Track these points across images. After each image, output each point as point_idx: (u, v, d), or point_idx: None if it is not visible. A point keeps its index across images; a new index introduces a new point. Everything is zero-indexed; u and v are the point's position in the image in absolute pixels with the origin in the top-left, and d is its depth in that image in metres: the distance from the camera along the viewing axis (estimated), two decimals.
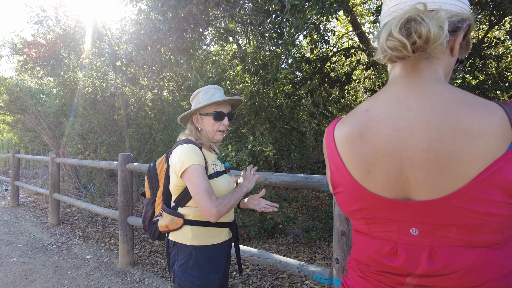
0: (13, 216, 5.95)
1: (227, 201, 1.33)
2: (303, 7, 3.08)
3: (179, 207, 1.44)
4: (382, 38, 0.65)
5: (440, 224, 0.61)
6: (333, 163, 0.75)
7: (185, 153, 1.35)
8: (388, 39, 0.63)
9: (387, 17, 0.71)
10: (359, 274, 0.75)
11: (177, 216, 1.41)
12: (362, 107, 0.73)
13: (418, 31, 0.60)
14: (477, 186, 0.57)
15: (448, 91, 0.63)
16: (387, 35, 0.64)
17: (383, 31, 0.65)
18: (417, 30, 0.60)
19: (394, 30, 0.62)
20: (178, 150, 1.38)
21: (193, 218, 1.41)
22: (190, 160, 1.32)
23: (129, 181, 3.62)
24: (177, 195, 1.43)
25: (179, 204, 1.43)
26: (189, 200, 1.40)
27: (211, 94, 1.48)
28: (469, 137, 0.57)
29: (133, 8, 4.34)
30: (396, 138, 0.64)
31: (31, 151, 10.75)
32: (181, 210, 1.43)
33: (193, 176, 1.31)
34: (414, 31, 0.60)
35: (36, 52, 7.16)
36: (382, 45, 0.65)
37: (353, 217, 0.74)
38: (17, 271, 3.49)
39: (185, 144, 1.39)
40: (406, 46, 0.61)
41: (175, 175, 1.38)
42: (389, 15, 0.70)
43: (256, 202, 1.62)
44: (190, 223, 1.40)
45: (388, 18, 0.70)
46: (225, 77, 5.83)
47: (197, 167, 1.32)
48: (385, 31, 0.64)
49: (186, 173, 1.32)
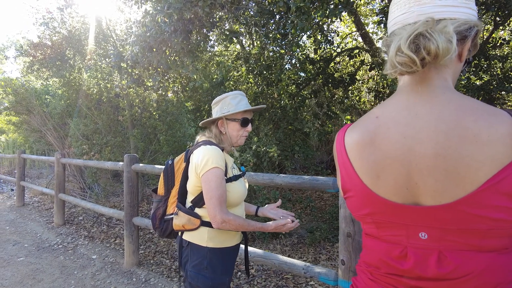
0: (19, 216, 6.01)
1: (238, 221, 1.35)
2: (308, 9, 3.09)
3: (196, 208, 1.45)
4: (392, 53, 0.65)
5: (449, 229, 0.62)
6: (344, 169, 0.77)
7: (209, 154, 1.36)
8: (397, 55, 0.64)
9: (394, 26, 0.71)
10: (369, 276, 0.77)
11: (194, 216, 1.42)
12: (372, 114, 0.75)
13: (427, 47, 0.61)
14: (485, 192, 0.58)
15: (457, 98, 0.64)
16: (396, 50, 0.64)
17: (392, 46, 0.65)
18: (426, 46, 0.61)
19: (403, 46, 0.62)
20: (202, 151, 1.39)
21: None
22: (213, 162, 1.34)
23: (135, 182, 3.65)
24: (195, 196, 1.44)
25: (196, 205, 1.45)
26: None
27: (239, 100, 1.51)
28: (478, 144, 0.58)
29: (138, 9, 4.37)
30: (405, 144, 0.66)
31: (36, 152, 10.83)
32: (198, 210, 1.45)
33: (211, 180, 1.33)
34: (423, 48, 0.61)
35: (41, 54, 7.22)
36: (391, 60, 0.65)
37: (364, 221, 0.76)
38: (24, 271, 3.53)
39: (208, 146, 1.40)
40: (415, 62, 0.62)
41: (194, 175, 1.40)
42: (396, 24, 0.71)
43: (275, 212, 1.64)
44: (207, 224, 1.42)
45: (395, 27, 0.71)
46: (229, 78, 5.85)
47: (218, 171, 1.35)
48: (394, 45, 0.65)
49: (206, 175, 1.34)
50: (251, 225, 1.39)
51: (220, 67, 5.53)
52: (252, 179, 2.33)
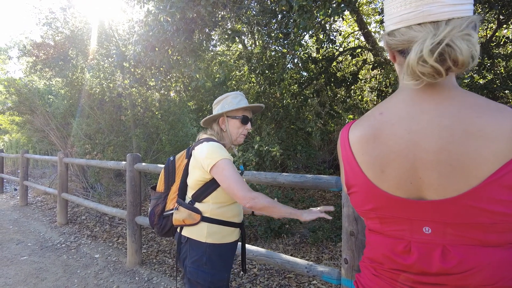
0: (22, 215, 6.04)
1: (267, 199, 1.29)
2: (311, 7, 3.09)
3: (196, 202, 1.46)
4: (412, 62, 0.61)
5: (453, 223, 0.63)
6: (348, 164, 0.77)
7: (213, 148, 1.38)
8: (420, 64, 0.61)
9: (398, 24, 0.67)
10: (373, 272, 0.77)
11: (195, 211, 1.43)
12: (375, 110, 0.75)
13: (453, 57, 0.58)
14: (489, 187, 0.58)
15: (461, 95, 0.65)
16: (417, 59, 0.61)
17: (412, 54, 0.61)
18: (452, 55, 0.58)
19: (427, 56, 0.59)
20: (205, 146, 1.41)
21: (210, 215, 1.43)
22: (220, 155, 1.36)
23: (137, 181, 3.66)
24: (196, 190, 1.45)
25: (197, 199, 1.46)
26: (208, 195, 1.43)
27: (239, 99, 1.55)
28: (482, 139, 0.59)
29: (140, 9, 4.38)
30: (409, 139, 0.66)
31: (39, 151, 10.88)
32: (198, 205, 1.46)
33: (224, 169, 1.34)
34: (449, 57, 0.59)
35: (44, 54, 7.25)
36: (412, 70, 0.62)
37: (367, 216, 0.76)
38: (27, 270, 3.54)
39: (210, 142, 1.43)
40: (441, 73, 0.60)
41: (198, 170, 1.41)
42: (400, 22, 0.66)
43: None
44: (207, 220, 1.43)
45: (400, 25, 0.67)
46: (231, 78, 5.85)
47: (227, 161, 1.36)
48: (416, 54, 0.61)
49: (216, 167, 1.35)
50: (280, 207, 1.30)
51: (222, 66, 5.53)
52: (255, 178, 2.32)
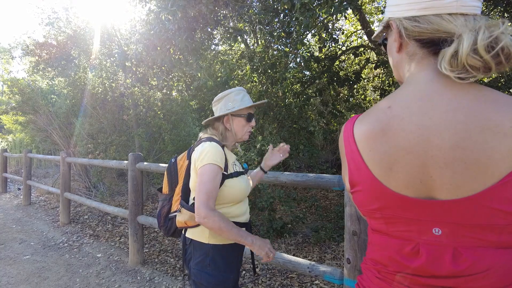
0: (25, 214, 6.06)
1: (222, 223, 1.26)
2: (313, 5, 3.06)
3: None
4: (465, 53, 0.57)
5: (465, 224, 0.60)
6: (352, 161, 0.73)
7: (207, 150, 1.36)
8: (471, 56, 0.57)
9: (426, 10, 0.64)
10: (376, 274, 0.74)
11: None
12: (383, 104, 0.71)
13: (506, 51, 0.55)
14: (506, 186, 0.55)
15: (476, 89, 0.61)
16: (469, 49, 0.57)
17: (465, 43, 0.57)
18: (505, 50, 0.55)
19: (481, 49, 0.56)
20: (201, 147, 1.40)
21: None
22: (209, 159, 1.34)
23: (139, 180, 3.65)
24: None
25: None
26: None
27: (242, 96, 1.52)
28: (499, 135, 0.56)
29: (142, 8, 4.37)
30: (420, 135, 0.62)
31: (42, 151, 10.92)
32: None
33: (205, 174, 1.32)
34: (502, 51, 0.56)
35: (47, 53, 7.28)
36: (462, 60, 0.58)
37: (372, 216, 0.73)
38: (30, 269, 3.55)
39: (208, 142, 1.41)
40: (491, 68, 0.57)
41: (194, 172, 1.40)
42: (430, 8, 0.63)
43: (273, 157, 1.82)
44: None
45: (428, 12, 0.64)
46: (233, 77, 5.83)
47: (214, 167, 1.34)
48: (467, 42, 0.57)
49: (201, 169, 1.34)
50: (234, 232, 1.28)
51: (224, 65, 5.51)
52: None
